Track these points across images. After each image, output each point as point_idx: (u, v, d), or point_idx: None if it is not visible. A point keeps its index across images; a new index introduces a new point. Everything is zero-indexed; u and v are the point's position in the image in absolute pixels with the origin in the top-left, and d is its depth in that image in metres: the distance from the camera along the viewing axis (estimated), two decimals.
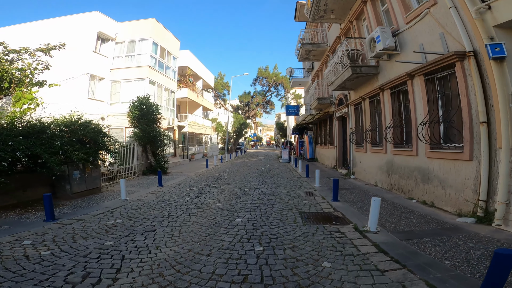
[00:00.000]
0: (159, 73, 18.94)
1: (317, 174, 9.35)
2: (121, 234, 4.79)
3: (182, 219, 5.68)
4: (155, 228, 5.10)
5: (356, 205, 6.49)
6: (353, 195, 7.61)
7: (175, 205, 6.93)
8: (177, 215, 5.94)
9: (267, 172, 13.74)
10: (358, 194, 7.71)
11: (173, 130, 20.69)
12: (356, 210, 6.08)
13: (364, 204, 6.57)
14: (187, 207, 6.64)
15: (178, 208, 6.61)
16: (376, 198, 4.65)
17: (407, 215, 5.51)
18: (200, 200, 7.49)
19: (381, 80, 8.37)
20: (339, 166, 13.71)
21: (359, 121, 10.84)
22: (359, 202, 6.76)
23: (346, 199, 7.19)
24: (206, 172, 14.59)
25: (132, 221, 5.59)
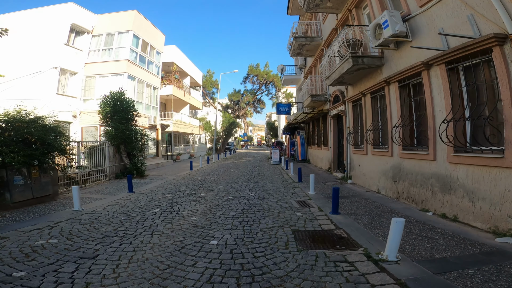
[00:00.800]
0: (140, 68, 17.46)
1: (312, 180, 8.16)
2: (45, 261, 3.50)
3: (140, 240, 4.37)
4: (98, 253, 3.80)
5: (361, 220, 5.31)
6: (355, 206, 6.44)
7: (139, 219, 5.59)
8: (135, 234, 4.63)
9: (255, 176, 12.49)
10: (360, 204, 6.55)
11: (156, 129, 19.22)
12: (363, 227, 4.89)
13: (371, 218, 5.41)
14: (152, 222, 5.32)
15: (140, 223, 5.29)
16: (399, 220, 3.46)
17: (429, 233, 4.36)
18: (172, 212, 6.18)
19: (387, 73, 7.25)
20: (333, 169, 12.59)
21: (358, 120, 9.73)
22: (364, 215, 5.59)
23: (348, 210, 6.01)
24: (189, 175, 13.23)
25: (71, 241, 4.26)
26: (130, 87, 16.56)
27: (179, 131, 24.55)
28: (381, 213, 5.74)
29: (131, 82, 16.73)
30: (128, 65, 16.24)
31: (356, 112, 9.87)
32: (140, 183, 10.52)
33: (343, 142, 11.63)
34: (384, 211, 5.92)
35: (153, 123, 17.76)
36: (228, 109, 43.14)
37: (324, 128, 14.69)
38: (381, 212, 5.81)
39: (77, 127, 15.33)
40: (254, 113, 46.24)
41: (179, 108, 27.40)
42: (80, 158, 11.85)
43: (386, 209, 6.07)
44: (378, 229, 4.75)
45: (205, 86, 38.07)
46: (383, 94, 7.55)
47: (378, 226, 4.92)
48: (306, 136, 19.64)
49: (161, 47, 20.75)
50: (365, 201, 6.84)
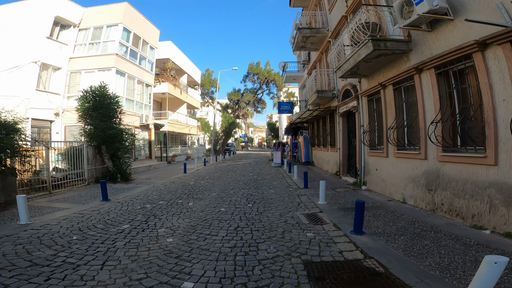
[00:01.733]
0: (130, 63, 16.12)
1: (322, 187, 6.75)
2: None
3: (81, 274, 3.00)
4: None
5: (397, 242, 3.92)
6: (381, 221, 5.03)
7: (96, 239, 4.21)
8: (78, 264, 3.28)
9: (255, 180, 11.08)
10: (387, 219, 5.14)
11: (149, 129, 17.86)
12: (403, 254, 3.51)
13: (409, 239, 4.01)
14: (111, 246, 3.94)
15: (95, 246, 3.91)
16: (500, 260, 2.07)
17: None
18: (145, 229, 4.79)
19: (417, 58, 5.87)
20: (342, 172, 11.17)
21: (374, 117, 8.33)
22: (398, 236, 4.18)
23: (373, 228, 4.62)
24: (181, 179, 11.83)
25: None
26: (119, 83, 15.23)
27: (174, 131, 23.18)
28: (421, 232, 4.33)
29: (121, 78, 15.39)
30: (117, 60, 14.90)
31: (372, 108, 8.47)
32: (122, 188, 9.14)
33: (354, 143, 10.23)
34: (423, 228, 4.51)
35: (145, 122, 16.40)
36: (228, 109, 41.72)
37: (331, 127, 13.29)
38: (420, 231, 4.40)
39: (59, 126, 13.98)
40: (255, 113, 44.82)
41: (175, 107, 26.06)
42: (57, 160, 10.56)
43: (424, 225, 4.67)
44: (427, 257, 3.37)
45: (204, 84, 36.71)
46: (412, 84, 6.16)
47: (424, 252, 3.53)
48: (310, 137, 18.24)
49: (155, 43, 19.43)
50: (392, 215, 5.43)
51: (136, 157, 16.16)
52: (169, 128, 21.66)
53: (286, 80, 24.24)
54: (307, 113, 14.41)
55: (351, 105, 9.92)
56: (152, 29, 19.08)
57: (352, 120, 10.64)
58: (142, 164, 15.90)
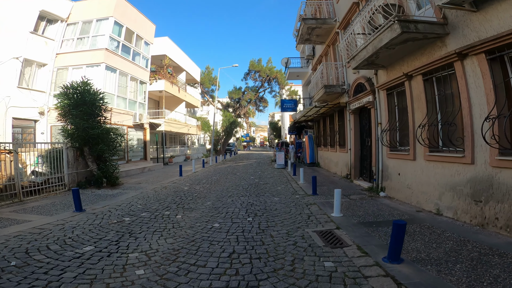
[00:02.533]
0: (123, 59, 15.04)
1: (337, 197, 5.60)
2: None
3: None
4: None
5: (453, 273, 2.84)
6: (419, 240, 3.89)
7: (40, 267, 3.10)
8: None
9: (256, 185, 9.95)
10: (426, 236, 4.00)
11: (143, 129, 16.78)
12: None
13: (469, 267, 2.93)
14: (54, 280, 2.83)
15: (31, 279, 2.81)
16: None
17: None
18: (113, 253, 3.70)
19: (458, 43, 4.74)
20: (354, 176, 10.02)
21: (394, 113, 7.18)
22: (452, 262, 3.05)
23: (412, 251, 3.51)
24: (175, 183, 10.73)
25: None
26: (109, 80, 14.18)
27: (172, 131, 22.11)
28: (480, 257, 3.24)
29: (111, 74, 14.33)
30: (107, 55, 13.83)
31: (392, 103, 7.31)
32: (105, 195, 8.04)
33: (369, 143, 9.08)
34: (482, 251, 3.41)
35: (138, 121, 15.32)
36: (229, 108, 40.53)
37: (340, 126, 12.13)
38: (479, 255, 3.31)
39: (44, 126, 12.93)
40: (257, 112, 43.56)
41: (173, 106, 25.00)
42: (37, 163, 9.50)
43: (480, 246, 3.56)
44: None
45: (204, 83, 35.58)
46: (451, 73, 5.02)
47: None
48: (316, 136, 17.09)
49: (150, 38, 18.33)
50: (431, 231, 4.28)
51: (129, 158, 15.09)
52: (166, 128, 20.57)
53: (289, 77, 23.10)
54: (313, 111, 13.26)
55: (365, 101, 8.77)
56: (147, 24, 18.00)
57: (365, 117, 9.49)
58: (135, 166, 14.82)
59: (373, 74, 8.23)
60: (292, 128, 20.55)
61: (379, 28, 5.74)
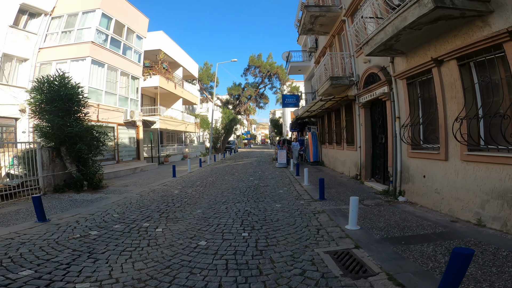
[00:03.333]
0: (111, 53, 14.01)
1: (354, 205, 4.56)
2: None
3: None
4: None
5: None
6: (473, 264, 2.84)
7: None
8: None
9: (255, 188, 8.93)
10: (480, 259, 2.95)
11: (136, 126, 15.77)
12: None
13: None
14: None
15: None
16: None
17: None
18: (50, 286, 2.68)
19: (506, 22, 3.69)
20: (365, 176, 8.98)
21: (417, 105, 6.12)
22: None
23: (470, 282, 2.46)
24: (166, 185, 9.73)
25: None
26: (97, 75, 13.18)
27: (168, 128, 21.09)
28: None
29: (99, 69, 13.31)
30: (93, 48, 12.79)
31: (414, 94, 6.25)
32: (82, 201, 7.04)
33: (383, 140, 8.03)
34: None
35: (129, 118, 14.30)
36: (229, 104, 39.40)
37: (348, 121, 11.06)
38: None
39: (26, 125, 11.93)
40: (257, 109, 42.39)
41: (169, 103, 23.97)
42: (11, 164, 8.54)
43: None
44: None
45: (202, 79, 34.47)
46: (498, 55, 3.97)
47: None
48: (319, 133, 16.02)
49: (143, 31, 17.24)
50: (483, 250, 3.23)
51: (119, 158, 14.09)
52: (161, 126, 19.56)
53: (290, 71, 21.97)
54: (318, 105, 12.18)
55: (378, 92, 7.71)
56: (139, 17, 16.93)
57: (378, 111, 8.44)
58: (126, 167, 13.83)
59: (388, 63, 7.15)
60: (294, 125, 19.47)
61: (402, 4, 4.69)
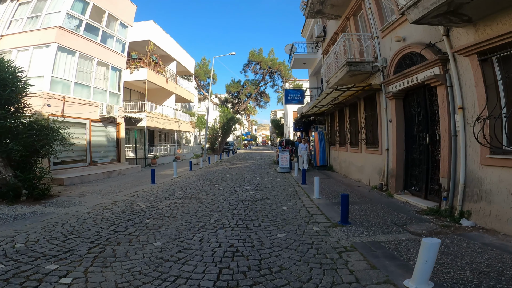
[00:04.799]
0: (85, 40, 11.94)
1: (429, 254, 2.40)
2: None
3: None
4: None
5: None
6: None
7: None
8: None
9: (251, 201, 6.79)
10: None
11: (116, 124, 13.66)
12: None
13: None
14: None
15: None
16: None
17: None
18: None
19: None
20: (395, 187, 6.81)
21: (496, 91, 4.00)
22: None
23: None
24: (136, 196, 7.61)
25: None
26: (65, 64, 11.13)
27: (157, 127, 18.99)
28: None
29: (68, 57, 11.25)
30: (60, 34, 10.73)
31: (489, 75, 4.12)
32: (1, 219, 4.90)
33: (425, 141, 5.89)
34: None
35: (106, 114, 12.19)
36: (227, 103, 37.22)
37: (369, 117, 8.91)
38: None
39: None
40: (258, 108, 40.19)
41: (161, 99, 21.91)
42: None
43: None
44: None
45: (199, 75, 32.38)
46: None
47: None
48: (328, 133, 13.87)
49: (128, 19, 15.10)
50: None
51: (92, 160, 11.97)
52: (149, 123, 17.46)
53: (294, 65, 19.85)
54: (330, 98, 10.00)
55: (423, 76, 5.59)
56: (125, 3, 14.84)
57: (416, 102, 6.32)
58: (101, 170, 11.71)
59: (441, 36, 5.03)
60: (299, 123, 17.24)
61: None
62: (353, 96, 9.44)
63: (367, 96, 8.81)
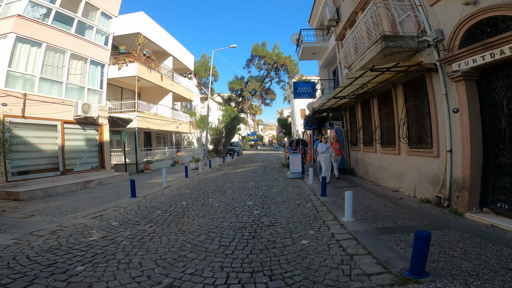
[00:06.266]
0: (55, 31, 10.07)
1: None
2: None
3: None
4: None
5: None
6: None
7: None
8: None
9: (255, 229, 4.76)
10: None
11: (99, 125, 11.76)
12: None
13: None
14: None
15: None
16: None
17: None
18: None
19: None
20: (467, 204, 4.66)
21: None
22: None
23: None
24: (99, 218, 5.63)
25: None
26: (27, 57, 9.27)
27: (151, 128, 17.09)
28: None
29: (31, 49, 9.36)
30: (20, 23, 8.87)
31: None
32: None
33: None
34: None
35: (83, 114, 10.27)
36: (231, 101, 35.15)
37: (415, 108, 6.70)
38: None
39: None
40: (263, 107, 37.89)
41: (156, 98, 20.06)
42: None
43: None
44: None
45: (199, 72, 30.43)
46: None
47: None
48: (347, 130, 11.70)
49: (112, 10, 13.13)
50: None
51: (66, 168, 10.07)
52: (141, 124, 15.57)
53: (302, 55, 17.67)
54: (358, 83, 7.70)
55: None
56: None
57: (504, 83, 4.16)
58: (75, 180, 9.81)
59: None
60: (311, 120, 15.02)
61: None
62: (387, 82, 7.28)
63: (407, 81, 6.64)
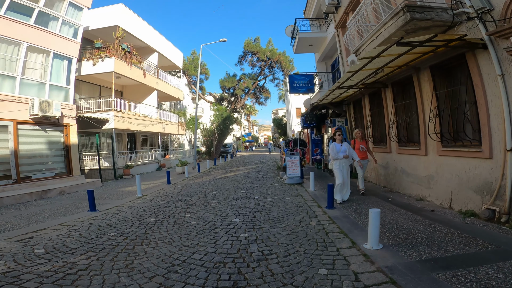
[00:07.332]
0: (6, 20, 8.60)
1: None
2: None
3: None
4: None
5: None
6: None
7: None
8: None
9: (238, 269, 3.25)
10: None
11: (64, 126, 10.12)
12: None
13: None
14: None
15: None
16: None
17: None
18: None
19: None
20: None
21: None
22: None
23: None
24: (26, 244, 4.03)
25: None
26: None
27: (131, 129, 15.46)
28: None
29: None
30: None
31: None
32: None
33: None
34: None
35: (41, 112, 8.64)
36: (223, 101, 33.56)
37: (448, 97, 5.22)
38: None
39: None
40: (257, 105, 36.36)
41: (140, 97, 18.43)
42: None
43: None
44: None
45: (188, 69, 28.81)
46: None
47: None
48: (351, 128, 10.27)
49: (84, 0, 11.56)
50: None
51: (22, 175, 8.44)
52: (119, 125, 13.94)
53: (298, 48, 16.22)
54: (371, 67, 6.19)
55: None
56: None
57: None
58: (28, 189, 8.19)
59: None
60: (309, 117, 13.49)
61: None
62: (407, 66, 5.85)
63: (437, 64, 5.20)
